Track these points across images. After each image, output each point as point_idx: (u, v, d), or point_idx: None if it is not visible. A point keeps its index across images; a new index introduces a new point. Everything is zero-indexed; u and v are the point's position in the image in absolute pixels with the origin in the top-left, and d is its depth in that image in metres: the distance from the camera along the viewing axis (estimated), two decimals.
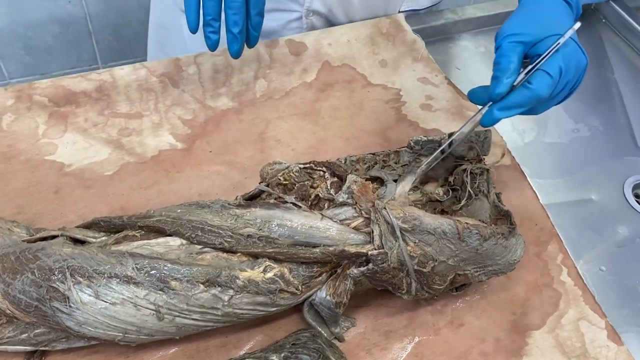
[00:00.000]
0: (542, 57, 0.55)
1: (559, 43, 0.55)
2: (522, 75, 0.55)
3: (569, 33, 0.56)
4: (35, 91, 0.71)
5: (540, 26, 0.57)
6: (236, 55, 0.67)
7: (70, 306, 0.51)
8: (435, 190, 0.62)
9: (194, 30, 0.64)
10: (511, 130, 0.82)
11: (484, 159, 0.63)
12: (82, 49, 1.45)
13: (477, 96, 0.60)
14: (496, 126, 0.80)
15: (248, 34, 0.67)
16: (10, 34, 1.34)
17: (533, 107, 0.58)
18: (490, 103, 0.57)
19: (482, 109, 0.58)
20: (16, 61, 1.41)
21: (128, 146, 0.71)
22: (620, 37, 0.98)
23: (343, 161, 0.64)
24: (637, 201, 0.76)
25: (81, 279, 0.51)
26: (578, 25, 0.56)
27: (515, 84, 0.55)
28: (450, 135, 0.62)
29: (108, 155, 0.70)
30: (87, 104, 0.73)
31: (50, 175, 0.67)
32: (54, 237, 0.57)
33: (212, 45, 0.65)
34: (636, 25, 0.96)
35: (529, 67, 0.55)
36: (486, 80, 0.62)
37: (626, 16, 0.98)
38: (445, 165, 0.64)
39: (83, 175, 0.68)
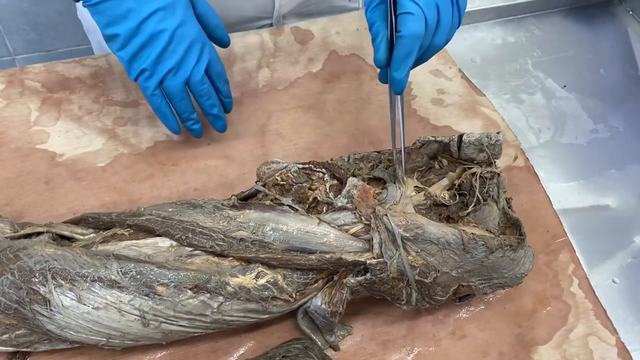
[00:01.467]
0: (390, 1, 0.53)
1: None
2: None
3: None
4: (27, 76, 0.69)
5: None
6: (224, 129, 0.68)
7: (51, 310, 0.49)
8: (441, 193, 0.58)
9: (177, 132, 0.65)
10: (526, 130, 0.78)
11: (494, 162, 0.59)
12: None
13: (381, 76, 0.59)
14: (510, 125, 0.76)
15: (221, 103, 0.66)
16: (14, 9, 1.31)
17: (431, 45, 0.56)
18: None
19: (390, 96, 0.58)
20: (21, 37, 1.38)
21: (123, 136, 0.68)
22: None
23: (346, 159, 0.61)
24: None
25: (63, 282, 0.49)
26: None
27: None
28: (460, 137, 0.59)
29: (102, 145, 0.67)
30: (81, 91, 0.70)
31: (41, 165, 0.65)
32: (39, 233, 0.55)
33: (198, 134, 0.67)
34: None
35: (389, 19, 0.54)
36: (503, 74, 0.58)
37: None
38: (453, 168, 0.60)
39: (75, 166, 0.65)
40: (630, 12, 0.95)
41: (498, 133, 0.58)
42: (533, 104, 0.81)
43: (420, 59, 0.57)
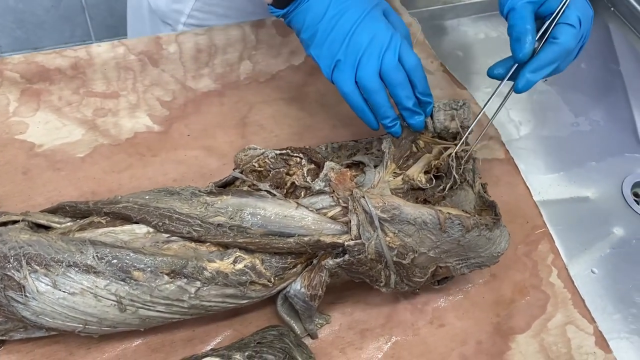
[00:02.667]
0: (558, 9, 0.55)
1: None
2: (538, 36, 0.55)
3: None
4: (6, 66, 0.68)
5: None
6: (420, 126, 0.61)
7: (25, 296, 0.48)
8: (417, 177, 0.59)
9: (375, 128, 0.62)
10: (507, 122, 0.78)
11: (468, 143, 0.60)
12: (75, 24, 1.42)
13: (498, 70, 0.59)
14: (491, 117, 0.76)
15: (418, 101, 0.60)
16: (1, 6, 1.31)
17: (559, 66, 0.57)
18: (510, 73, 0.57)
19: (499, 86, 0.59)
20: (7, 35, 1.38)
21: (102, 127, 0.68)
22: (629, 27, 0.94)
23: (324, 148, 0.62)
24: (635, 201, 0.73)
25: (38, 268, 0.48)
26: None
27: (535, 46, 0.55)
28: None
29: (81, 136, 0.67)
30: (61, 82, 0.70)
31: (19, 155, 0.64)
32: (15, 222, 0.54)
33: (397, 134, 0.61)
34: None
35: (547, 24, 0.55)
36: (484, 68, 0.59)
37: (636, 5, 0.93)
38: (429, 149, 0.60)
39: (54, 156, 0.65)
40: (612, 9, 0.96)
41: (464, 99, 0.60)
42: (514, 97, 0.80)
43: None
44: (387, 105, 0.59)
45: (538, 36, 0.56)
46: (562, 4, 0.55)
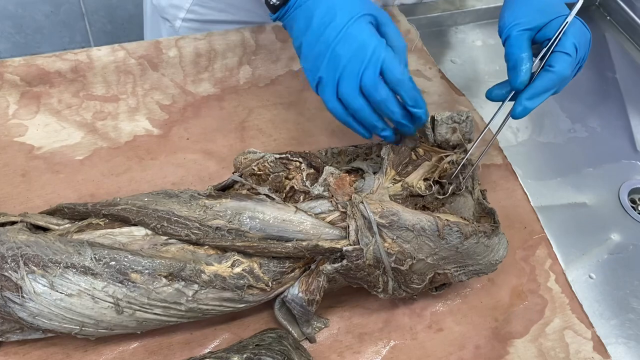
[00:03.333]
0: (554, 38, 0.56)
1: (567, 22, 0.55)
2: (536, 62, 0.56)
3: (575, 11, 0.56)
4: (6, 69, 0.68)
5: (542, 11, 0.58)
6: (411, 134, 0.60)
7: (22, 296, 0.48)
8: (417, 183, 0.59)
9: (368, 137, 0.61)
10: (505, 129, 0.78)
11: (467, 143, 0.60)
12: (75, 30, 1.42)
13: (497, 94, 0.59)
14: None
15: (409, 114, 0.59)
16: (0, 12, 1.31)
17: (556, 90, 0.58)
18: (510, 95, 0.58)
19: (500, 107, 0.60)
20: (6, 39, 1.38)
21: (102, 130, 0.68)
22: (625, 36, 0.95)
23: (324, 153, 0.62)
24: (632, 207, 0.73)
25: (35, 268, 0.48)
26: (581, 2, 0.57)
27: (532, 71, 0.56)
28: (433, 118, 0.60)
29: (80, 139, 0.67)
30: (61, 85, 0.70)
31: (18, 157, 0.64)
32: (13, 223, 0.54)
33: (391, 141, 0.60)
34: None
35: (543, 51, 0.56)
36: (482, 75, 0.60)
37: (632, 14, 0.94)
38: (429, 157, 0.61)
39: (53, 159, 0.65)
40: (608, 17, 0.97)
41: (467, 111, 0.59)
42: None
43: None
44: (374, 118, 0.58)
45: (537, 60, 0.56)
46: (558, 32, 0.55)
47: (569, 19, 0.56)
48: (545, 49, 0.56)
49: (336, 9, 0.55)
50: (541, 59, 0.56)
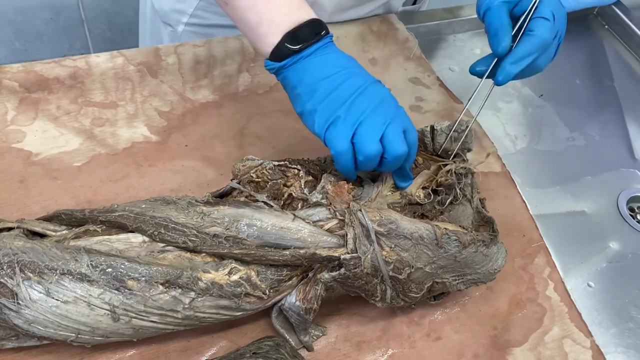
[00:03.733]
0: (531, 6, 0.57)
1: None
2: (513, 31, 0.58)
3: None
4: (5, 75, 0.68)
5: None
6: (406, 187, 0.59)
7: (18, 303, 0.48)
8: (416, 192, 0.59)
9: (354, 179, 0.58)
10: (503, 137, 0.79)
11: (467, 159, 0.60)
12: (74, 37, 1.42)
13: (479, 66, 0.60)
14: (488, 132, 0.77)
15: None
16: (0, 19, 1.31)
17: (537, 61, 0.59)
18: (490, 68, 0.59)
19: (479, 84, 0.61)
20: (5, 46, 1.38)
21: (100, 137, 0.68)
22: (623, 45, 0.95)
23: (323, 160, 0.61)
24: (631, 215, 0.73)
25: (31, 275, 0.48)
26: None
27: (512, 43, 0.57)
28: (432, 127, 0.59)
29: (79, 145, 0.67)
30: (59, 91, 0.70)
31: (16, 163, 0.64)
32: (10, 229, 0.54)
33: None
34: (639, 32, 0.93)
35: (522, 20, 0.58)
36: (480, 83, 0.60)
37: (629, 23, 0.94)
38: (427, 166, 0.61)
39: (51, 165, 0.65)
40: (606, 26, 0.98)
41: (467, 120, 0.59)
42: (510, 112, 0.82)
43: (523, 73, 0.59)
44: (372, 167, 0.55)
45: (514, 32, 0.58)
46: (534, 1, 0.57)
47: None
48: (524, 16, 0.58)
49: (354, 68, 0.56)
50: (519, 29, 0.58)
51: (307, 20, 0.55)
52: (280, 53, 0.55)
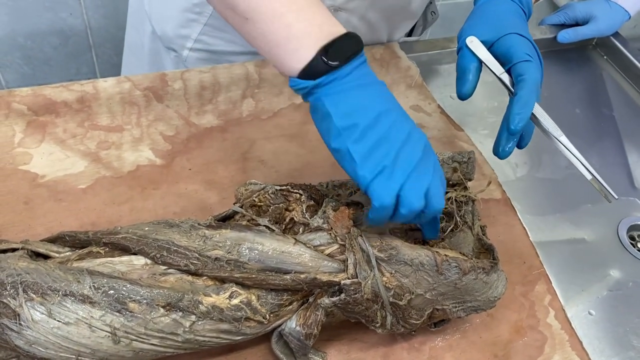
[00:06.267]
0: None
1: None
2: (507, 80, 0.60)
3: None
4: (14, 99, 0.70)
5: (496, 26, 0.61)
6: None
7: (20, 324, 0.48)
8: None
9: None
10: (503, 164, 0.79)
11: (469, 187, 0.61)
12: (82, 62, 1.44)
13: (503, 150, 0.60)
14: (488, 159, 0.78)
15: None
16: (9, 43, 1.34)
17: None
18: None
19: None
20: (14, 70, 1.40)
21: (105, 160, 0.68)
22: (621, 75, 0.97)
23: (325, 185, 0.62)
24: (631, 243, 0.73)
25: (34, 296, 0.48)
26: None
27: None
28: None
29: (84, 168, 0.68)
30: (67, 115, 0.71)
31: (22, 185, 0.65)
32: (14, 250, 0.54)
33: None
34: (637, 63, 0.95)
35: (504, 75, 0.60)
36: (480, 111, 0.62)
37: (627, 54, 0.96)
38: None
39: (56, 187, 0.65)
40: (605, 57, 0.99)
41: (470, 152, 0.60)
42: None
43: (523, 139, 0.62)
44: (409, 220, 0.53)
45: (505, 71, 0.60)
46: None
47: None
48: (504, 73, 0.60)
49: (396, 104, 0.51)
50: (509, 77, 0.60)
51: (343, 33, 0.49)
52: (314, 70, 0.48)
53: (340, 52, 0.48)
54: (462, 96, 0.59)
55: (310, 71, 0.48)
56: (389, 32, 0.87)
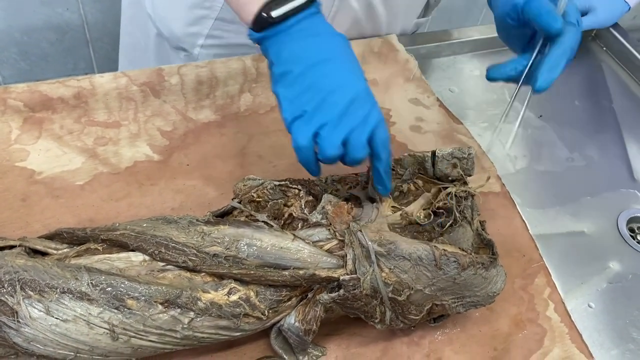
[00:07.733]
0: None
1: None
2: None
3: None
4: (10, 95, 0.69)
5: None
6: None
7: (18, 321, 0.48)
8: (416, 213, 0.59)
9: (318, 175, 0.57)
10: (503, 157, 0.79)
11: (468, 182, 0.60)
12: (79, 57, 1.44)
13: (507, 70, 0.59)
14: (487, 152, 0.77)
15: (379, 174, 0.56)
16: (6, 39, 1.33)
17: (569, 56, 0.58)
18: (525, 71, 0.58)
19: (516, 90, 0.60)
20: (11, 66, 1.40)
21: (102, 156, 0.68)
22: (621, 66, 0.96)
23: (323, 180, 0.62)
24: (631, 236, 0.73)
25: (32, 293, 0.48)
26: None
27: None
28: (434, 153, 0.60)
29: (81, 164, 0.67)
30: (63, 111, 0.71)
31: (19, 182, 0.65)
32: (12, 247, 0.54)
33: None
34: (637, 54, 0.94)
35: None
36: (480, 104, 0.61)
37: (627, 45, 0.95)
38: (428, 188, 0.61)
39: (53, 184, 0.65)
40: (604, 48, 0.99)
41: (469, 148, 0.59)
42: (510, 132, 0.82)
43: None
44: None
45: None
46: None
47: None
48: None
49: (335, 55, 0.53)
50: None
51: None
52: (260, 23, 0.52)
53: (285, 5, 0.51)
54: (558, 31, 0.56)
55: (258, 24, 0.52)
56: (388, 20, 0.86)
